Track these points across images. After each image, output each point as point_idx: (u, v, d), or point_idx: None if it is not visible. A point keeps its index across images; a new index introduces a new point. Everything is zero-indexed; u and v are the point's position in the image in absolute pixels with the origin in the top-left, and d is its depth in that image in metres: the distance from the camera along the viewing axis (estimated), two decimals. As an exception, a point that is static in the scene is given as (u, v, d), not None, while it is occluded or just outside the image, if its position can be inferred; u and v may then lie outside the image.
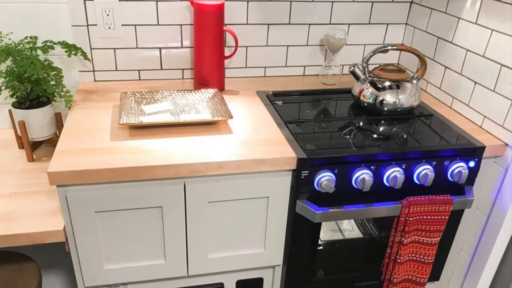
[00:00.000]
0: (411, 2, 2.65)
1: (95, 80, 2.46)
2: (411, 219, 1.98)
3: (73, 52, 2.20)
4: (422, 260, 2.12)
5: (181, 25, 2.42)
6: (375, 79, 2.24)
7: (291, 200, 1.94)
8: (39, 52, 2.13)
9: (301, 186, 1.89)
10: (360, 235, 2.39)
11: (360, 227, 2.41)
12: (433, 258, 2.12)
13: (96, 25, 2.32)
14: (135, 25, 2.37)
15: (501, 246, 2.15)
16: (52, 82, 2.10)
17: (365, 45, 2.73)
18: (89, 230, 1.79)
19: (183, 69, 2.54)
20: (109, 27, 2.34)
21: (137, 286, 2.02)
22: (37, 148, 2.24)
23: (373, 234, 2.38)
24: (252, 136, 1.96)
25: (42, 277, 2.37)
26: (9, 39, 2.22)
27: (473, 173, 2.05)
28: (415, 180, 1.98)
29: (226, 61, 2.56)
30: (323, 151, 1.89)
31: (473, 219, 2.24)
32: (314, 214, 1.89)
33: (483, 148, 2.01)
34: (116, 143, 1.84)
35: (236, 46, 2.33)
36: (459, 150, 1.99)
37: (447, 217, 2.02)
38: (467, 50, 2.21)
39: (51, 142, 2.22)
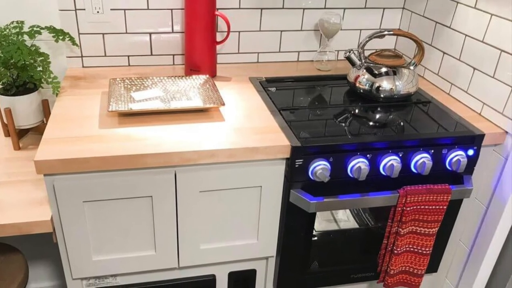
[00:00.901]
0: (409, -14, 2.66)
1: (83, 66, 2.46)
2: (408, 209, 1.99)
3: (60, 37, 2.20)
4: (420, 251, 2.13)
5: (171, 9, 2.42)
6: (371, 65, 2.25)
7: (285, 190, 1.95)
8: (25, 37, 2.12)
9: (295, 175, 1.89)
10: (356, 226, 2.41)
11: (356, 217, 2.42)
12: (431, 249, 2.13)
13: (84, 9, 2.32)
14: (124, 10, 2.37)
15: (500, 236, 2.17)
16: (39, 68, 2.10)
17: (361, 30, 2.73)
18: (77, 220, 1.80)
19: (173, 55, 2.54)
20: (98, 12, 2.34)
21: (127, 278, 2.03)
22: (24, 136, 2.24)
23: (369, 224, 2.39)
24: (245, 124, 1.96)
25: (28, 268, 2.38)
26: (-6, 24, 2.22)
27: (472, 161, 2.06)
28: (412, 169, 1.99)
29: (218, 47, 2.56)
30: (317, 139, 1.90)
31: (472, 209, 2.25)
32: (308, 204, 1.90)
33: (482, 136, 2.01)
34: (105, 130, 1.85)
35: (228, 31, 2.33)
36: (457, 138, 1.99)
37: (445, 207, 2.03)
38: (466, 35, 2.22)
39: (38, 130, 2.22)
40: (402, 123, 2.10)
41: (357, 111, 2.20)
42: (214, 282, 2.13)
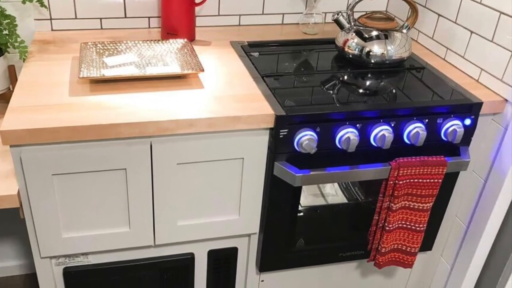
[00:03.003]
0: None
1: (52, 30, 2.46)
2: (400, 182, 2.01)
3: (27, -2, 2.20)
4: (413, 227, 2.16)
5: (147, -33, 2.43)
6: (361, 28, 2.26)
7: (269, 162, 1.97)
8: (-11, -2, 2.13)
9: (280, 146, 1.91)
10: (345, 200, 2.43)
11: (345, 192, 2.45)
12: (425, 225, 2.16)
13: (52, -33, 2.32)
14: (96, -32, 2.38)
15: (500, 212, 2.19)
16: (5, 32, 2.10)
17: (351, -10, 2.74)
18: (45, 195, 1.81)
19: (149, 17, 2.54)
20: (66, -30, 2.34)
21: (99, 257, 2.05)
22: (-12, 104, 2.26)
23: (359, 199, 2.42)
24: (226, 91, 1.98)
25: (-6, 247, 2.39)
26: (-46, -17, 2.21)
27: (469, 132, 2.08)
28: (405, 140, 2.02)
29: (197, 9, 2.54)
30: (303, 107, 1.92)
31: (469, 182, 2.28)
32: (294, 177, 1.92)
33: (480, 104, 2.04)
34: (75, 98, 1.86)
35: (209, -8, 2.35)
36: (453, 107, 2.02)
37: (440, 180, 2.06)
38: (463, -4, 2.24)
39: (4, 98, 2.22)
40: (394, 91, 2.12)
41: (346, 77, 2.22)
42: (192, 261, 2.15)
